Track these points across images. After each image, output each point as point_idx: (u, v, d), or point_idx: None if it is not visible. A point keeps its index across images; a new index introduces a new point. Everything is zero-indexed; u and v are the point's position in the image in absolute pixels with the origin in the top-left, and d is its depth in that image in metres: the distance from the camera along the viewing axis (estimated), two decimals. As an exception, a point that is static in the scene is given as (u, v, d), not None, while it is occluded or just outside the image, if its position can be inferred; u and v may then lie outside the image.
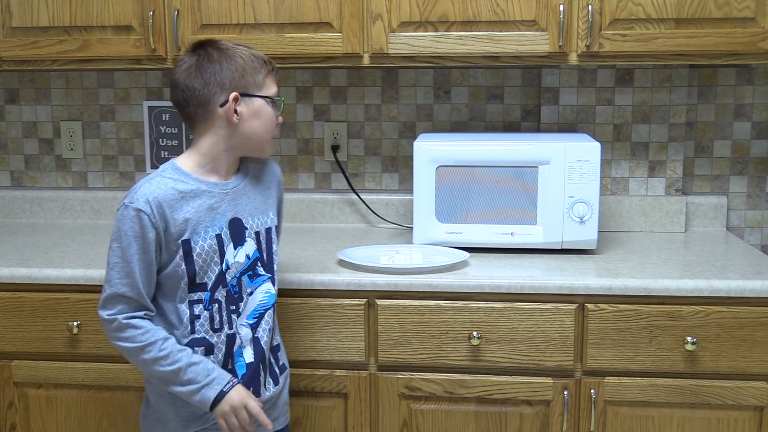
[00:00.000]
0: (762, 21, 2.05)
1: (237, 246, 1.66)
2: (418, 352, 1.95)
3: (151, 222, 1.55)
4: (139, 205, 1.55)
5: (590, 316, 1.90)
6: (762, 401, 1.91)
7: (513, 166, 2.12)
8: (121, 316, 1.57)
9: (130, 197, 1.57)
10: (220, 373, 1.61)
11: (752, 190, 2.51)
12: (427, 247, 2.14)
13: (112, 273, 1.57)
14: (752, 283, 1.87)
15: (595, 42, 2.08)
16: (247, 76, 1.60)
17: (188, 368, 1.58)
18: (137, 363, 1.61)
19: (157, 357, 1.57)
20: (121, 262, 1.56)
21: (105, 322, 1.59)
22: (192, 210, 1.60)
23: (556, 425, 1.95)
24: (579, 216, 2.10)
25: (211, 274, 1.63)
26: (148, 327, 1.58)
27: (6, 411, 2.09)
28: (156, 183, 1.59)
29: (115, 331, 1.58)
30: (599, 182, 2.09)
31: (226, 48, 1.61)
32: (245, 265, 1.67)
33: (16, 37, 2.25)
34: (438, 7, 2.11)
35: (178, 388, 1.59)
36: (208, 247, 1.62)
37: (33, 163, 2.71)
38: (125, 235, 1.55)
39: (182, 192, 1.60)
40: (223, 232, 1.64)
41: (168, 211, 1.57)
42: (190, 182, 1.62)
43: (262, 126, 1.64)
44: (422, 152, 2.13)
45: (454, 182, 2.14)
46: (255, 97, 1.63)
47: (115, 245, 1.57)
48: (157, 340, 1.58)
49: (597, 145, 2.08)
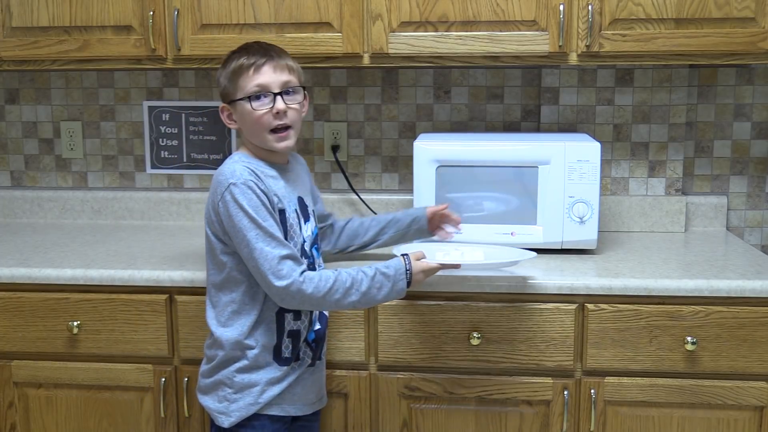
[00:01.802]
0: (762, 21, 2.05)
1: (306, 221, 1.79)
2: (418, 352, 1.95)
3: (260, 189, 1.65)
4: (245, 176, 1.65)
5: (590, 316, 1.90)
6: (762, 401, 1.91)
7: (513, 166, 2.12)
8: (295, 275, 1.62)
9: (231, 178, 1.64)
10: (394, 266, 1.69)
11: (752, 190, 2.51)
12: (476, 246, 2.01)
13: (259, 245, 1.62)
14: (752, 283, 1.87)
15: (595, 42, 2.08)
16: (231, 84, 1.71)
17: (373, 283, 1.67)
18: (329, 306, 1.67)
19: (346, 291, 1.65)
20: (260, 231, 1.62)
21: (283, 290, 1.63)
22: (276, 186, 1.72)
23: (556, 425, 1.95)
24: (579, 216, 2.10)
25: (299, 245, 1.74)
26: (318, 273, 1.66)
27: (6, 411, 2.09)
28: (241, 163, 1.69)
29: (298, 293, 1.63)
30: (599, 182, 2.09)
31: (229, 56, 1.73)
32: (312, 238, 1.80)
33: (16, 37, 2.25)
34: (438, 7, 2.11)
35: (377, 300, 1.68)
36: (293, 220, 1.73)
37: (33, 163, 2.71)
38: (249, 207, 1.63)
39: (263, 171, 1.71)
40: (297, 208, 1.76)
41: (265, 182, 1.68)
42: (261, 165, 1.73)
43: (252, 123, 1.71)
44: (422, 152, 2.13)
45: (454, 182, 2.14)
46: (236, 102, 1.72)
47: (245, 222, 1.62)
48: (336, 278, 1.65)
49: (597, 145, 2.08)
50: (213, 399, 1.76)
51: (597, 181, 2.09)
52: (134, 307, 2.00)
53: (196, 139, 2.63)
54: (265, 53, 1.70)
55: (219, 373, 1.74)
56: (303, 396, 1.80)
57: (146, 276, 1.98)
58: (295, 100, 1.72)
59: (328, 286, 1.63)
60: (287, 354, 1.75)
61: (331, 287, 1.63)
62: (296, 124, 1.74)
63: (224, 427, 1.73)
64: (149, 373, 2.03)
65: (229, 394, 1.73)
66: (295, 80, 1.73)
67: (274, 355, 1.73)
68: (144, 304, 2.00)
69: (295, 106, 1.72)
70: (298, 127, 1.75)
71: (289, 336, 1.74)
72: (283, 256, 1.62)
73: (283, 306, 1.67)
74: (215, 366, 1.75)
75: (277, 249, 1.62)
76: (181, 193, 2.63)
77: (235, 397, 1.72)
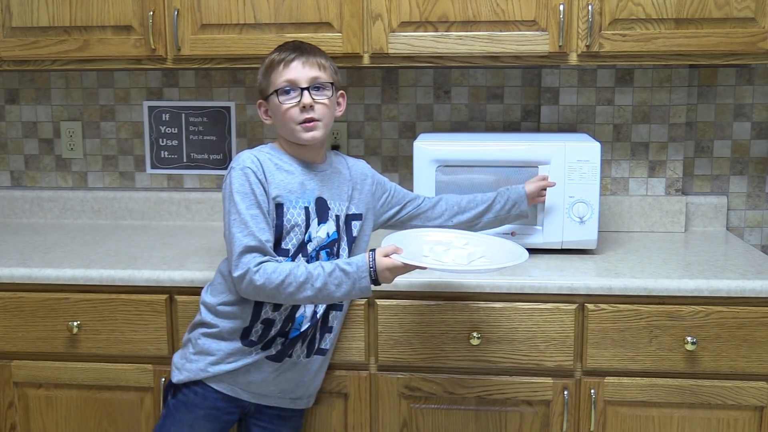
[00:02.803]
0: (762, 21, 2.05)
1: (320, 223, 1.77)
2: (418, 352, 1.95)
3: (257, 178, 1.70)
4: (246, 164, 1.70)
5: (590, 316, 1.91)
6: (762, 401, 1.91)
7: (513, 165, 2.11)
8: (251, 265, 1.64)
9: (235, 162, 1.72)
10: (356, 263, 1.65)
11: (752, 190, 2.51)
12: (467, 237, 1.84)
13: (233, 230, 1.66)
14: (752, 283, 1.87)
15: (595, 42, 2.08)
16: (264, 80, 1.77)
17: (330, 279, 1.64)
18: (284, 299, 1.66)
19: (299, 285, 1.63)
20: (238, 216, 1.67)
21: (237, 279, 1.65)
22: (285, 180, 1.74)
23: (556, 425, 1.95)
24: (579, 216, 2.10)
25: (295, 242, 1.74)
26: (275, 264, 1.65)
27: (6, 411, 2.09)
28: (256, 151, 1.76)
29: (249, 283, 1.64)
30: (599, 182, 2.09)
31: (269, 55, 1.78)
32: (325, 241, 1.78)
33: (16, 37, 2.25)
34: (438, 7, 2.11)
35: (336, 297, 1.66)
36: (297, 216, 1.74)
37: (33, 163, 2.71)
38: (236, 192, 1.68)
39: (277, 164, 1.76)
40: (311, 207, 1.76)
41: (267, 173, 1.72)
42: (284, 158, 1.78)
43: (281, 117, 1.75)
44: (422, 152, 2.13)
45: (454, 182, 2.13)
46: (269, 97, 1.77)
47: (229, 205, 1.69)
48: (290, 271, 1.64)
49: (597, 145, 2.08)
50: (178, 354, 1.84)
51: (597, 181, 2.09)
52: (134, 307, 2.00)
53: (196, 139, 2.63)
54: (296, 49, 1.76)
55: (190, 332, 1.83)
56: (261, 385, 1.80)
57: (146, 276, 1.98)
58: (324, 96, 1.75)
59: (280, 279, 1.62)
60: (254, 338, 1.76)
61: (283, 280, 1.62)
62: (325, 118, 1.76)
63: (173, 383, 1.81)
64: (149, 373, 2.03)
65: (189, 353, 1.80)
66: (326, 77, 1.76)
67: (241, 334, 1.76)
68: (144, 304, 2.00)
69: (324, 101, 1.75)
70: (328, 121, 1.77)
71: (263, 323, 1.76)
72: (248, 245, 1.64)
73: (243, 296, 1.69)
74: (193, 324, 1.83)
75: (247, 238, 1.65)
76: (181, 193, 2.63)
77: (193, 358, 1.78)
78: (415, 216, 1.96)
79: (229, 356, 1.76)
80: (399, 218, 1.96)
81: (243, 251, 1.64)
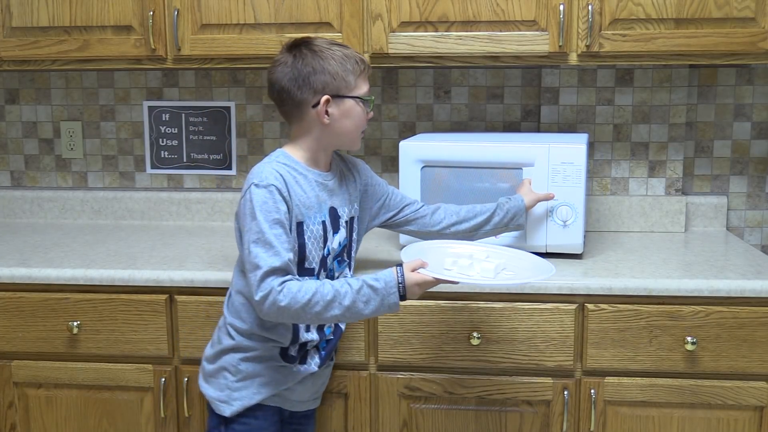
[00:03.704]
0: (762, 21, 2.05)
1: (335, 233, 1.74)
2: (418, 352, 1.95)
3: (282, 196, 1.61)
4: (270, 180, 1.61)
5: (590, 316, 1.90)
6: (762, 401, 1.91)
7: (496, 167, 2.08)
8: (274, 284, 1.56)
9: (257, 178, 1.62)
10: (384, 278, 1.60)
11: (752, 190, 2.51)
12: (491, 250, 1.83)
13: (255, 249, 1.58)
14: (752, 283, 1.87)
15: (595, 42, 2.08)
16: (338, 79, 1.66)
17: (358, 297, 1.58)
18: (309, 320, 1.59)
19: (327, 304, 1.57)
20: (261, 236, 1.58)
21: (259, 303, 1.57)
22: (304, 195, 1.68)
23: (556, 425, 1.95)
24: (562, 220, 2.05)
25: (317, 259, 1.70)
26: (300, 283, 1.58)
27: (6, 411, 2.09)
28: (275, 166, 1.65)
29: (273, 305, 1.57)
30: (585, 185, 2.05)
31: (320, 50, 1.66)
32: (337, 250, 1.76)
33: (16, 37, 2.25)
34: (438, 7, 2.11)
35: (364, 314, 1.60)
36: (316, 232, 1.69)
37: (33, 163, 2.71)
38: (260, 210, 1.59)
39: (295, 178, 1.68)
40: (326, 220, 1.72)
41: (290, 191, 1.64)
42: (300, 170, 1.70)
43: (352, 124, 1.71)
44: (407, 151, 2.12)
45: (438, 182, 2.11)
46: (346, 98, 1.68)
47: (251, 224, 1.59)
48: (317, 290, 1.57)
49: (582, 147, 2.03)
50: (214, 387, 1.75)
51: (582, 184, 2.04)
52: (134, 307, 2.00)
53: (196, 139, 2.63)
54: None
55: (223, 358, 1.73)
56: (303, 393, 1.81)
57: (146, 276, 1.98)
58: None
59: (306, 299, 1.55)
60: (293, 353, 1.74)
61: (309, 300, 1.56)
62: None
63: (225, 416, 1.72)
64: (149, 373, 2.03)
65: (232, 382, 1.72)
66: None
67: (281, 351, 1.73)
68: (144, 304, 2.00)
69: None
70: None
71: (301, 345, 1.74)
72: (273, 267, 1.56)
73: (264, 317, 1.61)
74: (221, 351, 1.74)
75: (272, 258, 1.57)
76: (181, 193, 2.63)
77: (239, 386, 1.72)
78: (412, 221, 1.92)
79: (276, 374, 1.73)
80: (394, 221, 1.92)
81: (267, 272, 1.56)
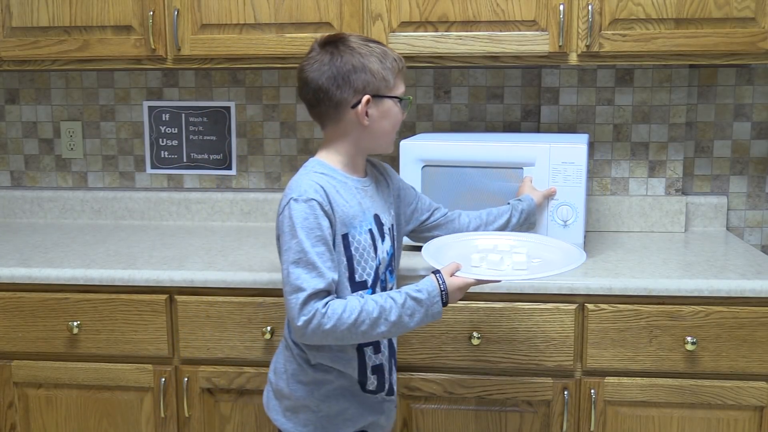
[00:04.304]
0: (762, 21, 2.05)
1: (382, 241, 1.64)
2: (418, 352, 1.95)
3: (323, 210, 1.51)
4: (310, 194, 1.51)
5: (590, 316, 1.90)
6: (762, 401, 1.91)
7: (497, 167, 2.08)
8: (318, 306, 1.47)
9: (295, 192, 1.52)
10: (426, 288, 1.53)
11: (752, 190, 2.51)
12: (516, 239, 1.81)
13: (297, 270, 1.48)
14: (752, 283, 1.87)
15: (595, 42, 2.08)
16: (379, 78, 1.57)
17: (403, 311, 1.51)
18: (356, 339, 1.51)
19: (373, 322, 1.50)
20: (303, 255, 1.48)
21: (301, 328, 1.47)
22: (346, 205, 1.57)
23: (556, 425, 1.95)
24: (563, 219, 2.06)
25: (369, 270, 1.60)
26: (344, 302, 1.50)
27: (6, 411, 2.09)
28: (314, 177, 1.55)
29: (317, 328, 1.47)
30: (585, 185, 2.05)
31: (359, 48, 1.57)
32: (387, 260, 1.66)
33: (16, 37, 2.25)
34: (438, 7, 2.11)
35: (409, 327, 1.53)
36: (364, 242, 1.59)
37: (33, 163, 2.71)
38: (301, 227, 1.49)
39: (335, 187, 1.57)
40: (373, 227, 1.62)
41: (332, 203, 1.54)
42: (339, 177, 1.60)
43: (390, 126, 1.63)
44: (408, 151, 2.12)
45: (439, 182, 2.12)
46: (385, 98, 1.60)
47: (292, 242, 1.49)
48: (362, 308, 1.49)
49: (583, 148, 2.04)
50: (295, 423, 1.64)
51: (582, 184, 2.04)
52: (134, 307, 2.00)
53: (196, 139, 2.63)
54: None
55: (300, 395, 1.63)
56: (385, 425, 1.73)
57: (146, 276, 1.98)
58: None
59: (353, 318, 1.47)
60: (372, 387, 1.66)
61: (356, 319, 1.47)
62: None
63: None
64: (149, 373, 2.03)
65: (319, 418, 1.63)
66: None
67: (360, 386, 1.64)
68: (144, 304, 2.00)
69: None
70: None
71: (374, 372, 1.65)
72: (317, 289, 1.47)
73: (304, 342, 1.51)
74: (299, 384, 1.63)
75: (315, 280, 1.47)
76: (181, 193, 2.63)
77: (326, 425, 1.63)
78: (441, 225, 1.85)
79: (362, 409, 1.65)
80: (426, 225, 1.85)
81: (311, 296, 1.47)
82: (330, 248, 1.51)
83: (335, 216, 1.54)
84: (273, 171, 2.62)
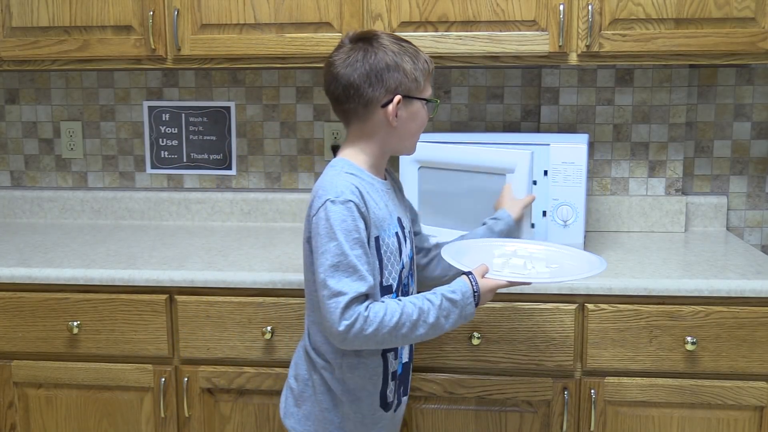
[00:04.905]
0: (762, 21, 2.05)
1: (405, 245, 1.62)
2: (418, 352, 1.95)
3: (360, 212, 1.48)
4: (347, 195, 1.47)
5: (590, 316, 1.90)
6: (762, 401, 1.91)
7: (498, 167, 2.06)
8: (360, 309, 1.44)
9: (331, 193, 1.48)
10: (460, 289, 1.52)
11: (752, 190, 2.51)
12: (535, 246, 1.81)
13: (338, 275, 1.44)
14: (752, 283, 1.87)
15: (595, 42, 2.08)
16: (411, 79, 1.54)
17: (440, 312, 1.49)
18: (394, 343, 1.49)
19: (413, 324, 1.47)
20: (342, 259, 1.45)
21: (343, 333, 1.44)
22: (377, 207, 1.55)
23: (556, 425, 1.95)
24: (563, 219, 2.06)
25: (395, 275, 1.57)
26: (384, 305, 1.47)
27: (6, 411, 2.09)
28: (346, 178, 1.51)
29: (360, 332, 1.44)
30: (585, 185, 2.05)
31: (392, 46, 1.54)
32: (409, 264, 1.63)
33: (16, 37, 2.25)
34: (438, 7, 2.11)
35: (444, 329, 1.51)
36: (392, 245, 1.56)
37: (33, 163, 2.71)
38: (339, 229, 1.45)
39: (366, 189, 1.54)
40: (399, 230, 1.59)
41: (367, 205, 1.51)
42: (367, 179, 1.56)
43: (416, 128, 1.60)
44: None
45: (436, 183, 2.11)
46: (415, 100, 1.57)
47: (330, 245, 1.45)
48: (402, 311, 1.47)
49: (583, 148, 2.03)
50: None
51: (582, 184, 2.04)
52: (134, 307, 2.00)
53: (196, 139, 2.63)
54: None
55: (321, 413, 1.61)
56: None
57: (146, 276, 1.98)
58: None
59: (394, 321, 1.44)
60: (391, 398, 1.64)
61: (397, 321, 1.45)
62: None
63: None
64: (149, 373, 2.03)
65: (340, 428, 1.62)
66: None
67: (380, 401, 1.62)
68: (144, 304, 2.00)
69: None
70: None
71: (393, 379, 1.63)
72: (360, 293, 1.44)
73: (344, 347, 1.49)
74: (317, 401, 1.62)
75: (357, 283, 1.44)
76: (181, 193, 2.63)
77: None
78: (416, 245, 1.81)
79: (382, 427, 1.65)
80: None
81: (353, 300, 1.43)
82: (367, 251, 1.48)
83: (369, 218, 1.51)
84: (273, 171, 2.62)
